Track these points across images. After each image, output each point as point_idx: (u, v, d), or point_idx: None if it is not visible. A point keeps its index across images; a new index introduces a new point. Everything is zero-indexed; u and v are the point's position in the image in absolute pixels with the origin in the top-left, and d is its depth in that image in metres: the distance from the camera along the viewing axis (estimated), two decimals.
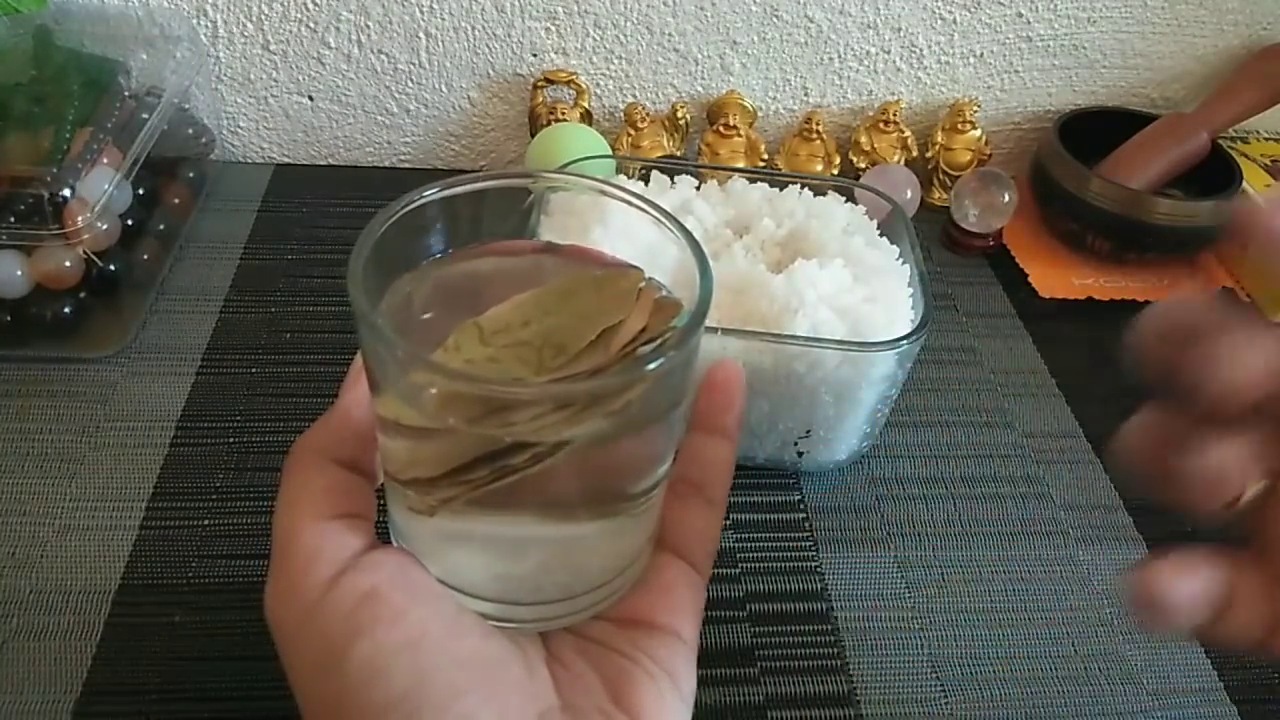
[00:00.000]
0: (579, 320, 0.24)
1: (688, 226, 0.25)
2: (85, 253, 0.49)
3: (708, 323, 0.24)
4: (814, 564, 0.45)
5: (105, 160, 0.50)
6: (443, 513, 0.24)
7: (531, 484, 0.23)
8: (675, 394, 0.25)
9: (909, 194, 0.64)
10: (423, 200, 0.25)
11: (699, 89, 0.67)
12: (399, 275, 0.26)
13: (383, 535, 0.27)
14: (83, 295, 0.50)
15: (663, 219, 0.26)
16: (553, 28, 0.63)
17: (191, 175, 0.61)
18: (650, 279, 0.26)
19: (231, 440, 0.47)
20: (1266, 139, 0.71)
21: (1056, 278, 0.63)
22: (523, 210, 0.28)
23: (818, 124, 0.65)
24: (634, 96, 0.67)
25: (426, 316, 0.26)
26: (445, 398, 0.23)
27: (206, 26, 0.62)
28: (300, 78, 0.64)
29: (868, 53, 0.66)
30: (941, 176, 0.68)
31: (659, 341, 0.24)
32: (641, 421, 0.24)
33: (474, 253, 0.27)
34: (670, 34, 0.64)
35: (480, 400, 0.22)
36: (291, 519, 0.25)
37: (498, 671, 0.25)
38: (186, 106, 0.61)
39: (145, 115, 0.53)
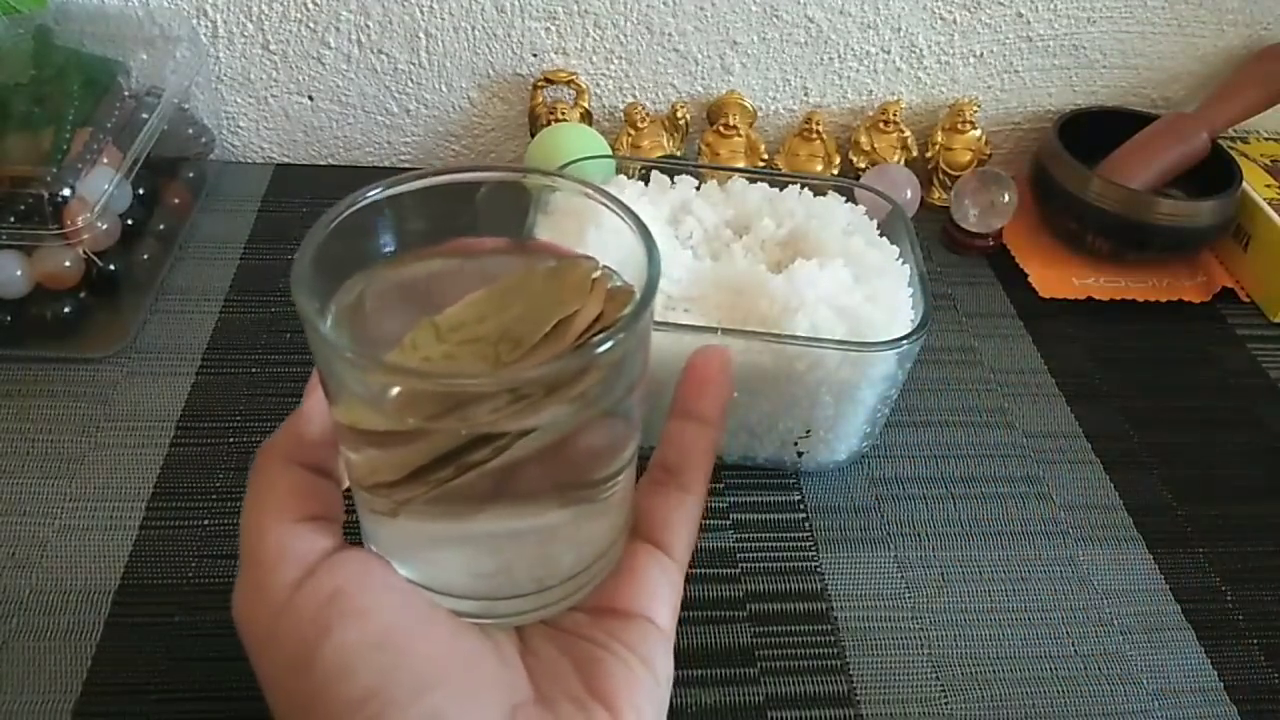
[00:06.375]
0: (534, 313, 0.24)
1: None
2: (85, 253, 0.49)
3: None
4: (814, 564, 0.45)
5: (105, 160, 0.50)
6: (408, 513, 0.24)
7: (495, 478, 0.23)
8: (630, 378, 0.25)
9: (909, 194, 0.64)
10: (367, 200, 0.25)
11: (699, 89, 0.67)
12: (349, 276, 0.25)
13: (354, 540, 0.27)
14: (83, 295, 0.50)
15: (609, 203, 0.26)
16: (553, 28, 0.63)
17: (191, 175, 0.61)
18: (604, 268, 0.26)
19: (231, 440, 0.47)
20: (1266, 139, 0.71)
21: (1056, 278, 0.63)
22: (475, 206, 0.27)
23: (818, 124, 0.65)
24: (634, 96, 0.67)
25: (380, 318, 0.26)
26: (402, 397, 0.23)
27: (206, 26, 0.62)
28: (300, 78, 0.64)
29: (868, 53, 0.66)
30: (941, 176, 0.68)
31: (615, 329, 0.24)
32: (599, 408, 0.24)
33: (426, 252, 0.27)
34: (670, 34, 0.64)
35: (436, 397, 0.22)
36: (258, 522, 0.25)
37: (467, 667, 0.25)
38: (186, 106, 0.61)
39: (145, 115, 0.53)
